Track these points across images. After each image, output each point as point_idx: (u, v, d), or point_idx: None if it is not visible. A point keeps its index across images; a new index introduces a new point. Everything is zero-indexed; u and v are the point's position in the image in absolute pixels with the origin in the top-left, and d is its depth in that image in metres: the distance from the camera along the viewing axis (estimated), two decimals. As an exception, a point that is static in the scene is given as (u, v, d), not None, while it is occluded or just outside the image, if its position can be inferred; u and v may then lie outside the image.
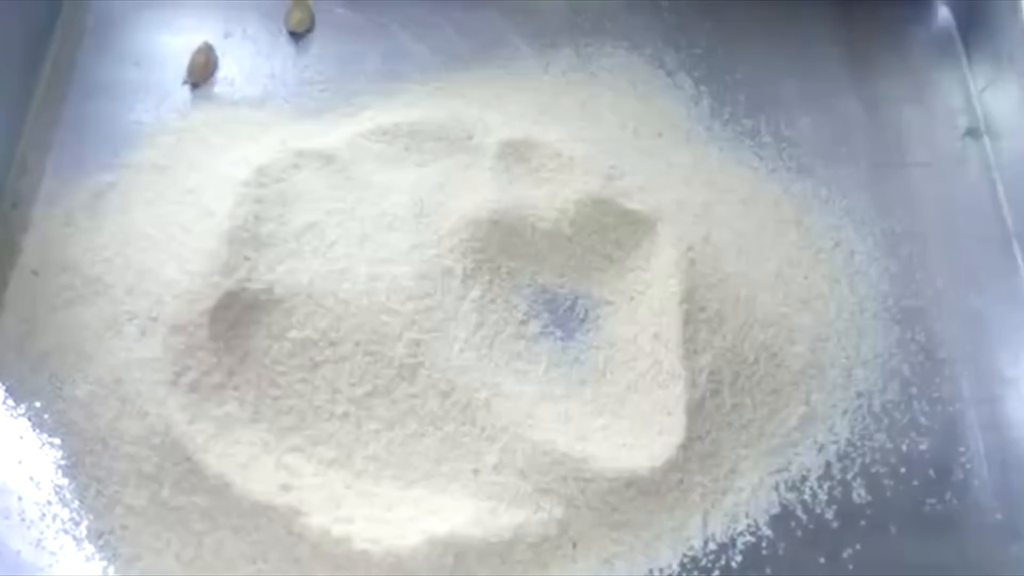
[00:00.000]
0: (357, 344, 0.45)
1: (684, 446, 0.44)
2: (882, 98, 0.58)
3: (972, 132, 0.57)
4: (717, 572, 0.43)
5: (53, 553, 0.42)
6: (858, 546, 0.44)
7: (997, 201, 0.54)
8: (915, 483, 0.46)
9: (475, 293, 0.48)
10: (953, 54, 0.59)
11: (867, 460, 0.46)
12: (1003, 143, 0.55)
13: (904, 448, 0.47)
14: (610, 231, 0.51)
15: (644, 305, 0.49)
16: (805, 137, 0.56)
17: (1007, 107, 0.55)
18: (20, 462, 0.44)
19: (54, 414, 0.45)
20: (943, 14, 0.61)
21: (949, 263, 0.52)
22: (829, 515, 0.45)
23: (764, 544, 0.44)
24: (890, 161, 0.56)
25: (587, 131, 0.54)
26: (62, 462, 0.44)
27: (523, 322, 0.49)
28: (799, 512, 0.45)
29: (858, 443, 0.47)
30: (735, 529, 0.44)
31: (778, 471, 0.46)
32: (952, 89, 0.58)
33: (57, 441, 0.45)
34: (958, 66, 0.59)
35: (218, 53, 0.57)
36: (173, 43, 0.57)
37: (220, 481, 0.42)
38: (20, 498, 0.43)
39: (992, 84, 0.57)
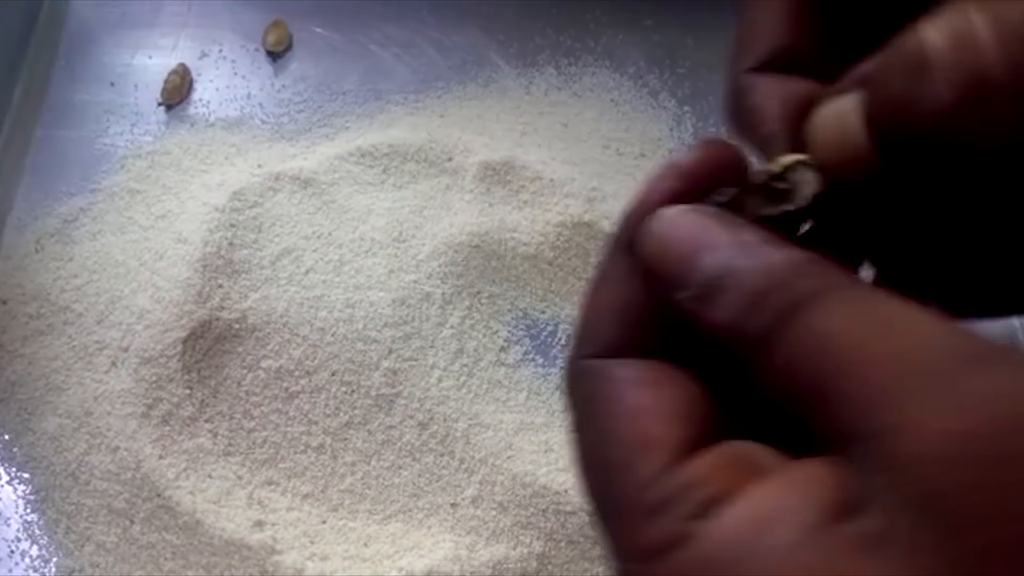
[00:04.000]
0: (333, 374, 0.44)
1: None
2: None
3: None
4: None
5: (20, 593, 0.41)
6: None
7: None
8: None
9: (455, 319, 0.47)
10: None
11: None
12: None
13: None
14: (592, 255, 0.50)
15: (626, 331, 0.48)
16: (789, 157, 0.56)
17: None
18: (-13, 498, 0.43)
19: (22, 447, 0.44)
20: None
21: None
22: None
23: None
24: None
25: (569, 152, 0.54)
26: (31, 497, 0.43)
27: (503, 348, 0.48)
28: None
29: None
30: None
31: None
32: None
33: (26, 475, 0.44)
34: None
35: (194, 74, 0.56)
36: (148, 64, 0.56)
37: (192, 518, 0.41)
38: (-14, 536, 0.42)
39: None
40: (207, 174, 0.51)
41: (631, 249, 0.19)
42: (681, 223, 0.18)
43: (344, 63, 0.57)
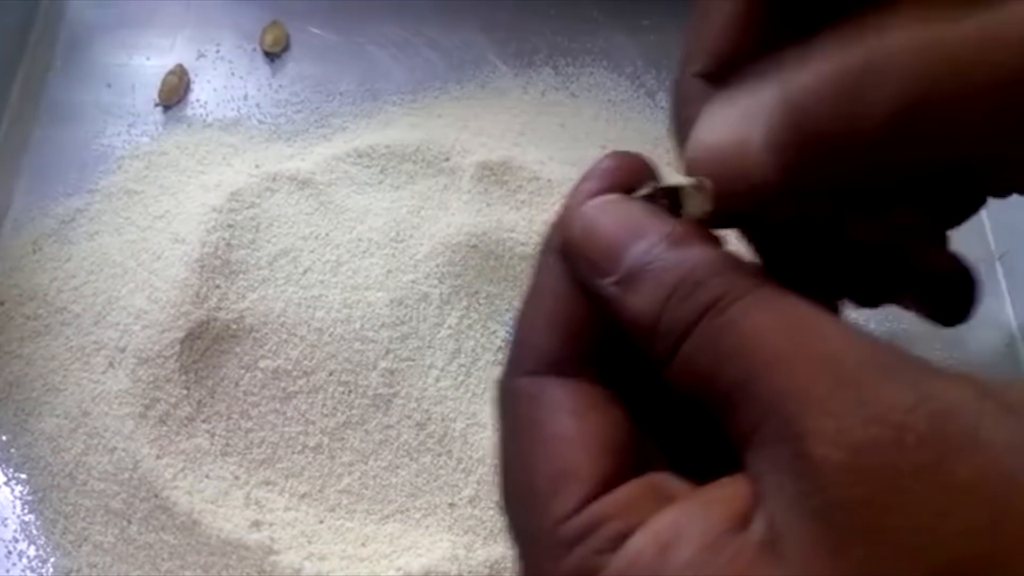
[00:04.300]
0: (331, 374, 0.44)
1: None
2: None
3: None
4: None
5: (17, 593, 0.41)
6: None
7: (979, 221, 0.54)
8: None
9: (452, 319, 0.47)
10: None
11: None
12: (986, 163, 0.55)
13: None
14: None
15: (624, 331, 0.48)
16: (787, 157, 0.56)
17: (989, 126, 0.55)
18: (-16, 499, 0.43)
19: (20, 448, 0.44)
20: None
21: (932, 285, 0.52)
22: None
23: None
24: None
25: (566, 152, 0.54)
26: (28, 497, 0.43)
27: (501, 349, 0.48)
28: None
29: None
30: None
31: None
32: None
33: (23, 476, 0.43)
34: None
35: (191, 74, 0.56)
36: (145, 64, 0.56)
37: (189, 518, 0.41)
38: (-17, 536, 0.42)
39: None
40: (204, 175, 0.51)
41: (562, 258, 0.19)
42: (610, 210, 0.18)
43: (342, 64, 0.57)
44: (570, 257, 0.18)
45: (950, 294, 0.22)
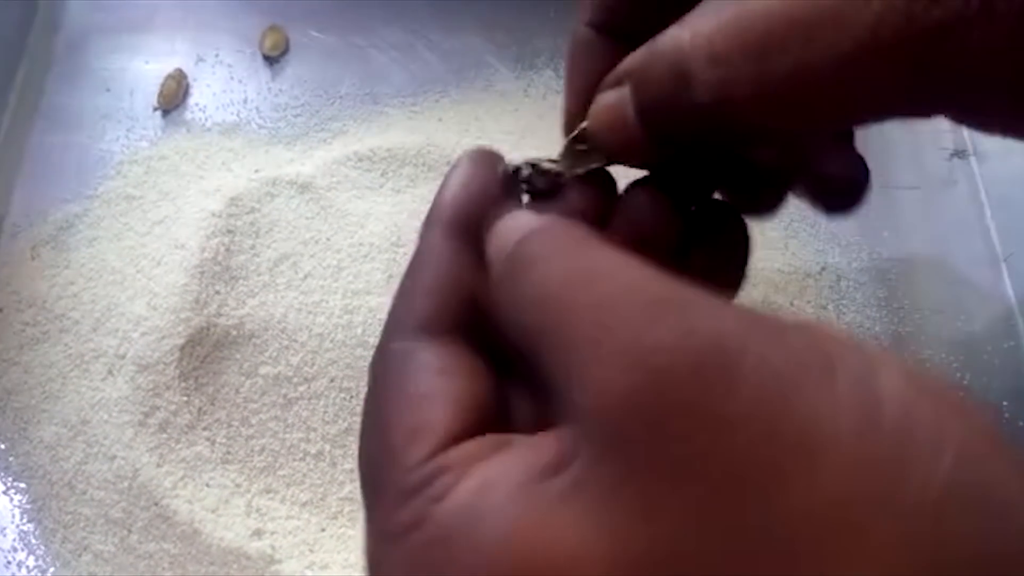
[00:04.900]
0: (332, 380, 0.44)
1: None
2: (867, 120, 0.57)
3: (959, 153, 0.56)
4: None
5: (16, 604, 0.41)
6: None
7: (985, 224, 0.54)
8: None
9: (454, 324, 0.47)
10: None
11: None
12: (990, 164, 0.55)
13: (894, 480, 0.46)
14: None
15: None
16: (790, 159, 0.55)
17: (994, 128, 0.55)
18: (-18, 508, 0.43)
19: (19, 457, 0.44)
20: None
21: (937, 288, 0.52)
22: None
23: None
24: (876, 183, 0.54)
25: (568, 155, 0.53)
26: (27, 507, 0.43)
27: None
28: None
29: (847, 476, 0.46)
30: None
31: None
32: (938, 110, 0.58)
33: (22, 485, 0.43)
34: (944, 87, 0.58)
35: (190, 78, 0.56)
36: (144, 69, 0.56)
37: (190, 527, 0.40)
38: (-18, 546, 0.42)
39: (978, 104, 0.56)
40: (204, 179, 0.51)
41: (444, 232, 0.20)
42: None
43: (341, 67, 0.57)
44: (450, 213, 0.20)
45: (836, 192, 0.24)
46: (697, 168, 0.22)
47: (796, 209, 0.54)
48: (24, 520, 0.42)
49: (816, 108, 0.17)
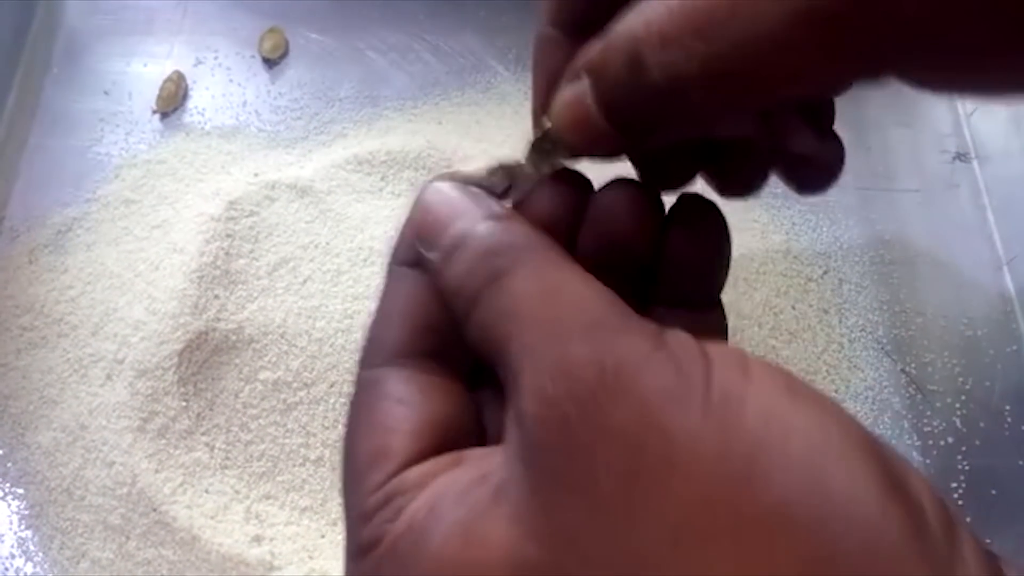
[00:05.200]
0: (332, 385, 0.44)
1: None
2: (870, 123, 0.57)
3: (961, 156, 0.56)
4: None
5: (14, 611, 0.40)
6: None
7: (987, 227, 0.53)
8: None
9: (454, 329, 0.46)
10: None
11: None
12: (993, 167, 0.54)
13: (897, 485, 0.46)
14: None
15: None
16: (791, 162, 0.55)
17: (996, 130, 0.54)
18: (-20, 514, 0.42)
19: (17, 462, 0.43)
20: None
21: (939, 291, 0.51)
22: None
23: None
24: (879, 186, 0.55)
25: (569, 158, 0.53)
26: (25, 513, 0.42)
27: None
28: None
29: (850, 481, 0.45)
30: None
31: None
32: (940, 113, 0.57)
33: (20, 491, 0.43)
34: (946, 89, 0.58)
35: (189, 81, 0.55)
36: (142, 72, 0.56)
37: (189, 533, 0.40)
38: (-20, 553, 0.42)
39: (980, 107, 0.56)
40: (203, 183, 0.51)
41: (411, 260, 0.21)
42: (443, 193, 0.20)
43: (341, 69, 0.56)
44: (415, 237, 0.20)
45: (807, 171, 0.24)
46: (672, 155, 0.23)
47: (799, 213, 0.53)
48: (22, 526, 0.42)
49: (762, 81, 0.18)
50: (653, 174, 0.23)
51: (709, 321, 0.23)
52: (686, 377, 0.16)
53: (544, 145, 0.21)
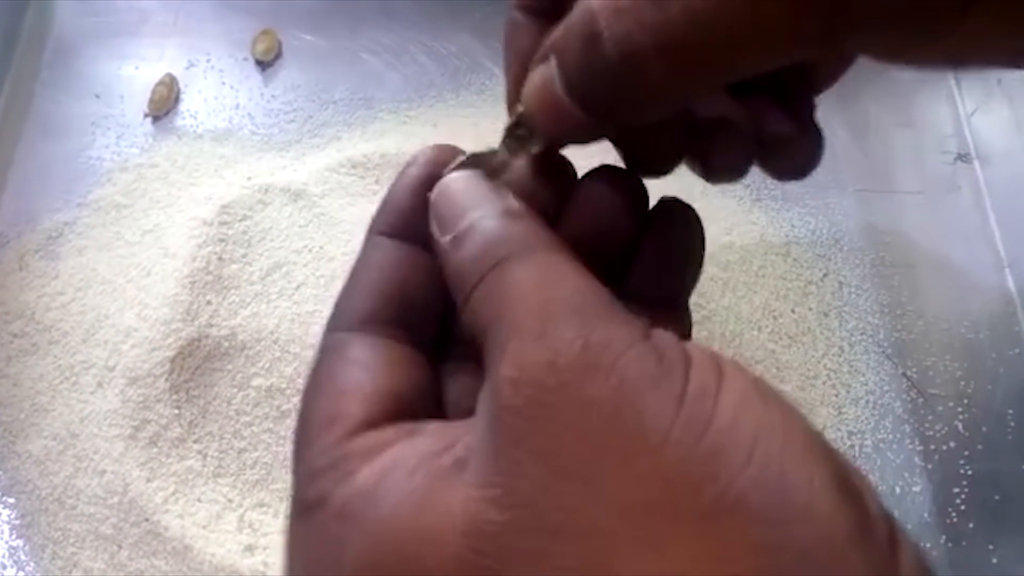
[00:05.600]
0: (326, 392, 0.43)
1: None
2: (870, 124, 0.56)
3: (962, 157, 0.55)
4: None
5: (4, 623, 0.40)
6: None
7: (989, 228, 0.53)
8: (909, 526, 0.44)
9: (450, 334, 0.46)
10: (941, 77, 0.58)
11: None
12: (994, 168, 0.54)
13: (898, 490, 0.45)
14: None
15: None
16: (790, 163, 0.55)
17: (997, 131, 0.54)
18: (-31, 524, 0.42)
19: (7, 471, 0.43)
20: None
21: (941, 293, 0.51)
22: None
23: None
24: (879, 188, 0.54)
25: (565, 160, 0.52)
26: (15, 522, 0.42)
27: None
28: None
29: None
30: None
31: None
32: (941, 113, 0.57)
33: (10, 500, 0.42)
34: (947, 90, 0.57)
35: (181, 84, 0.55)
36: (134, 74, 0.55)
37: (181, 543, 0.39)
38: (-31, 564, 0.41)
39: (982, 107, 0.55)
40: (195, 187, 0.50)
41: (387, 232, 0.21)
42: (468, 181, 0.21)
43: (335, 71, 0.56)
44: (430, 214, 0.21)
45: (783, 156, 0.24)
46: (655, 138, 0.23)
47: (798, 215, 0.53)
48: (12, 536, 0.42)
49: (714, 49, 0.18)
50: (637, 158, 0.23)
51: (674, 322, 0.23)
52: (667, 367, 0.16)
53: (518, 131, 0.22)
